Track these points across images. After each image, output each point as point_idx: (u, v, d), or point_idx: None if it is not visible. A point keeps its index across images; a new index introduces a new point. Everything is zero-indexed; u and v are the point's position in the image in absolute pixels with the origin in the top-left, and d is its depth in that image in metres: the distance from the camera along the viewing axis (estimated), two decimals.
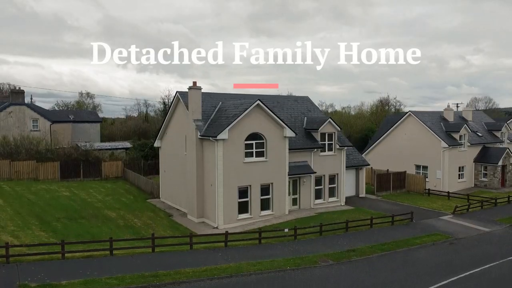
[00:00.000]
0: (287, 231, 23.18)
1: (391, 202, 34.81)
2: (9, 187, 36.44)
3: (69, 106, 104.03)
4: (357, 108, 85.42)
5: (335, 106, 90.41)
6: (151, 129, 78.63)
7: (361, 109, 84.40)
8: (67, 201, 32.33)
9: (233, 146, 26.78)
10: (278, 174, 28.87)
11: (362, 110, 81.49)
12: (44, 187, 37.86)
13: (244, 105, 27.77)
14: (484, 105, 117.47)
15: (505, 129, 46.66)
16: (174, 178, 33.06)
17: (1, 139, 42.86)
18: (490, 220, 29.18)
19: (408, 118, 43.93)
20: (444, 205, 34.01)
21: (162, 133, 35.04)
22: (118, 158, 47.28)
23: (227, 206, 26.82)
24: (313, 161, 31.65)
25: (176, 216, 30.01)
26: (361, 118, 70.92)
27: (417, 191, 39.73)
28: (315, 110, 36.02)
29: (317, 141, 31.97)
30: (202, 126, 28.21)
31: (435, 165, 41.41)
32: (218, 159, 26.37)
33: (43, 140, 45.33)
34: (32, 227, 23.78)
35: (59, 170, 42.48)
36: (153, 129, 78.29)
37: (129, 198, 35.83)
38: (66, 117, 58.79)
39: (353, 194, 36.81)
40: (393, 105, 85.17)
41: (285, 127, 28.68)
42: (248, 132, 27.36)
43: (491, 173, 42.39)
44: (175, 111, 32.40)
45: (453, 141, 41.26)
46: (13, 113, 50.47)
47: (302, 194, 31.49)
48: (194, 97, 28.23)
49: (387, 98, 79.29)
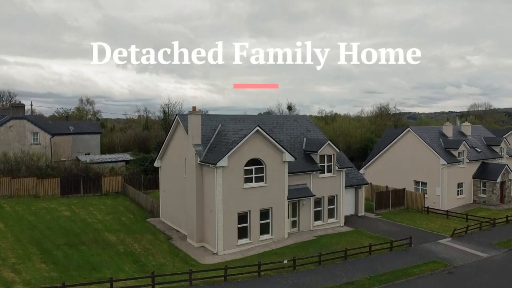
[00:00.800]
0: (286, 263, 23.30)
1: (390, 223, 34.93)
2: (10, 206, 36.61)
3: (68, 113, 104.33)
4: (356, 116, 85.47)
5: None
6: (151, 137, 78.79)
7: (360, 117, 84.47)
8: (68, 223, 32.47)
9: (232, 173, 26.91)
10: (277, 199, 29.01)
11: (361, 119, 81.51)
12: (44, 205, 38.02)
13: (243, 130, 27.89)
14: (484, 107, 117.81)
15: (504, 144, 46.80)
16: (174, 199, 33.19)
17: (2, 156, 42.96)
18: (488, 244, 29.30)
19: (407, 133, 44.06)
20: (443, 226, 34.13)
21: (162, 153, 35.15)
22: (118, 173, 47.41)
23: (227, 232, 26.95)
24: (312, 184, 31.78)
25: (176, 240, 30.13)
26: (360, 128, 71.03)
27: (416, 208, 39.88)
28: (314, 130, 36.14)
29: (317, 163, 32.09)
30: (201, 151, 28.34)
31: (434, 181, 41.56)
32: (218, 186, 26.49)
33: (43, 156, 45.42)
34: (33, 258, 23.90)
35: (60, 186, 42.63)
36: (153, 136, 78.49)
37: (129, 218, 35.95)
38: (66, 129, 58.94)
39: (352, 213, 36.96)
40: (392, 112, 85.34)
41: (284, 152, 28.80)
42: (247, 158, 27.49)
43: (490, 189, 42.52)
44: (175, 133, 32.52)
45: (452, 158, 41.38)
46: (13, 127, 50.62)
47: (301, 217, 31.62)
48: (194, 122, 28.34)
49: (386, 106, 79.37)
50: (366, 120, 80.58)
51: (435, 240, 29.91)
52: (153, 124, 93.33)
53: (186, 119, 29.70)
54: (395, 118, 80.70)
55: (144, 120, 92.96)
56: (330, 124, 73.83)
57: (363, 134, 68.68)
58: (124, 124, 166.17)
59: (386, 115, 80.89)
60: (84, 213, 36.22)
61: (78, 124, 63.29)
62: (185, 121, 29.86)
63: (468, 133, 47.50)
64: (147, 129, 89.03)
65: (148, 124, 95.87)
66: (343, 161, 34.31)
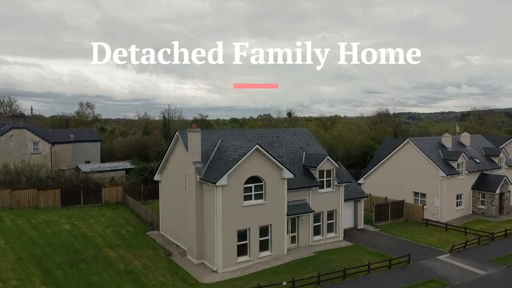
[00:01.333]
0: (285, 284, 23.43)
1: (389, 236, 35.06)
2: (10, 219, 36.77)
3: (69, 117, 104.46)
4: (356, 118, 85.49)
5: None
6: (151, 143, 78.89)
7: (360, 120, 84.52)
8: (68, 238, 32.61)
9: (232, 190, 27.04)
10: (277, 215, 29.14)
11: (361, 125, 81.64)
12: (44, 217, 38.19)
13: (243, 148, 28.00)
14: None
15: (502, 154, 46.92)
16: (174, 213, 33.33)
17: (2, 167, 43.11)
18: (487, 260, 29.42)
19: (406, 145, 44.19)
20: (441, 240, 34.26)
21: (162, 167, 35.29)
22: (118, 183, 47.55)
23: (226, 249, 27.09)
24: (311, 199, 31.91)
25: (176, 256, 30.26)
26: (360, 135, 71.14)
27: (415, 220, 40.01)
28: (313, 143, 36.25)
29: (316, 178, 32.22)
30: (201, 169, 28.46)
31: (433, 193, 41.70)
32: (217, 204, 26.63)
33: (43, 166, 45.57)
34: (33, 278, 24.04)
35: (60, 197, 42.84)
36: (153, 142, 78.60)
37: (129, 231, 36.08)
38: (67, 137, 59.09)
39: (351, 226, 37.09)
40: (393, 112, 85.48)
41: (283, 169, 28.92)
42: (247, 176, 27.61)
43: (488, 201, 42.65)
44: (175, 148, 32.65)
45: (451, 170, 41.51)
46: (14, 137, 50.76)
47: (300, 232, 31.76)
48: (193, 140, 28.47)
49: (386, 112, 79.47)
50: (366, 126, 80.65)
51: (434, 256, 30.02)
52: (153, 129, 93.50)
53: (185, 135, 29.85)
54: (395, 124, 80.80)
55: (144, 125, 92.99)
56: (330, 131, 73.88)
57: (363, 141, 68.81)
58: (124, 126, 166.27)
59: (386, 121, 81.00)
60: (84, 226, 36.37)
61: (78, 132, 63.44)
62: (185, 138, 30.00)
63: (467, 144, 47.63)
64: (147, 134, 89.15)
65: (148, 128, 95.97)
66: (342, 175, 34.44)
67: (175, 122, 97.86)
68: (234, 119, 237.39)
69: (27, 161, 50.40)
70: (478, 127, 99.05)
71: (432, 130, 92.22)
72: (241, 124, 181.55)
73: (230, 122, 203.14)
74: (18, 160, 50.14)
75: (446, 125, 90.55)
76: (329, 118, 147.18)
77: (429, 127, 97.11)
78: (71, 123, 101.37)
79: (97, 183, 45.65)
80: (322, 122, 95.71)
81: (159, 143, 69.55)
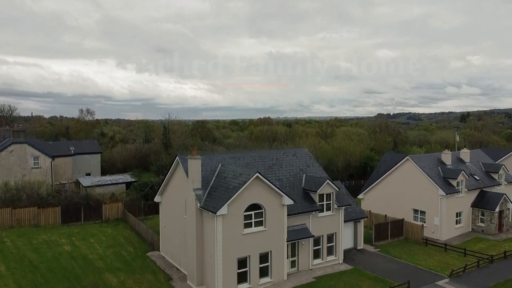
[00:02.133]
0: None
1: (388, 258, 35.13)
2: (11, 240, 36.90)
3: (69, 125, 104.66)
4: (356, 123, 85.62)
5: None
6: (151, 152, 79.07)
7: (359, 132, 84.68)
8: (69, 262, 32.70)
9: (232, 219, 27.13)
10: (277, 242, 29.23)
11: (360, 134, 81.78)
12: (45, 237, 38.32)
13: (243, 176, 28.08)
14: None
15: (502, 171, 47.01)
16: (174, 236, 33.41)
17: (3, 185, 43.24)
18: (486, 286, 29.54)
19: (406, 162, 44.28)
20: (441, 262, 34.35)
21: (163, 189, 35.36)
22: (118, 200, 47.67)
23: (226, 277, 27.18)
24: (311, 223, 32.01)
25: (176, 281, 30.36)
26: (360, 145, 71.26)
27: (414, 239, 40.10)
28: (313, 165, 36.35)
29: (316, 202, 32.31)
30: (201, 196, 28.55)
31: (433, 211, 41.80)
32: (218, 233, 26.72)
33: (44, 183, 45.69)
34: None
35: (60, 214, 42.96)
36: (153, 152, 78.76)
37: (130, 252, 36.16)
38: (67, 150, 59.22)
39: (351, 246, 37.19)
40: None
41: (283, 196, 29.02)
42: (247, 204, 27.70)
43: (488, 219, 42.76)
44: (175, 172, 32.72)
45: (451, 188, 41.61)
46: (14, 152, 50.89)
47: (300, 256, 31.85)
48: (194, 167, 28.56)
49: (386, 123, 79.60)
50: (365, 135, 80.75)
51: (433, 282, 30.14)
52: (153, 137, 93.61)
53: (185, 161, 29.95)
54: (394, 133, 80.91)
55: (144, 132, 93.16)
56: (330, 141, 73.99)
57: (363, 152, 68.94)
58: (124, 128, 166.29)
59: (386, 130, 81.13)
60: (85, 247, 36.47)
61: (78, 144, 63.58)
62: (185, 163, 30.09)
63: (466, 160, 47.71)
64: (147, 142, 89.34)
65: (148, 135, 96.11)
66: (342, 198, 34.52)
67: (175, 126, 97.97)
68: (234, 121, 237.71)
69: (28, 176, 50.56)
70: (478, 134, 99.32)
71: (432, 138, 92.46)
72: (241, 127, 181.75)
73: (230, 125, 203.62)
74: (18, 174, 50.28)
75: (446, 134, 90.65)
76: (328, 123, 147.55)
77: (428, 135, 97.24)
78: (71, 130, 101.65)
79: (97, 199, 45.75)
80: (321, 130, 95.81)
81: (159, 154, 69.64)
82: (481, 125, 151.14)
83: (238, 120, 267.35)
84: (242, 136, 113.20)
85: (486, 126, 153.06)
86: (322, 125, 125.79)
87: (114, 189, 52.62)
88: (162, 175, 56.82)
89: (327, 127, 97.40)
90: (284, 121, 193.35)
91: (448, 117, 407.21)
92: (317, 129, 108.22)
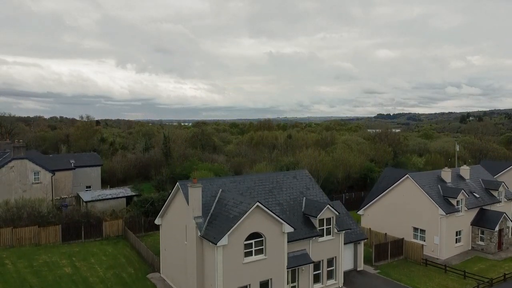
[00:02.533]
0: None
1: (388, 281, 35.20)
2: (11, 262, 36.96)
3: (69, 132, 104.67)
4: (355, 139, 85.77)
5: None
6: (152, 162, 79.16)
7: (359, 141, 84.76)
8: (69, 285, 32.78)
9: (233, 249, 27.20)
10: (277, 269, 29.27)
11: (360, 143, 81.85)
12: (46, 258, 38.40)
13: (243, 204, 28.13)
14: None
15: (502, 188, 47.08)
16: (175, 260, 33.47)
17: (3, 204, 43.30)
18: None
19: (405, 180, 44.37)
20: (441, 285, 34.45)
21: (163, 213, 35.42)
22: (118, 217, 47.74)
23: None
24: (311, 248, 32.08)
25: None
26: (360, 156, 71.33)
27: (414, 259, 40.19)
28: (313, 187, 36.43)
29: (316, 227, 32.39)
30: (202, 224, 28.62)
31: (433, 230, 41.90)
32: (218, 263, 26.79)
33: (44, 201, 45.76)
34: None
35: (61, 233, 43.03)
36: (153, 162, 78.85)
37: (130, 273, 36.24)
38: (67, 163, 59.27)
39: (351, 268, 37.27)
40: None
41: (284, 223, 29.09)
42: (248, 233, 27.76)
43: (488, 237, 42.85)
44: (175, 197, 32.77)
45: (451, 207, 41.69)
46: (15, 167, 50.95)
47: (300, 281, 31.92)
48: (194, 195, 28.62)
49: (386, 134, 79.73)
50: (366, 145, 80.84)
51: None
52: (153, 146, 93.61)
53: (186, 187, 30.01)
54: (394, 143, 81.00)
55: (144, 142, 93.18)
56: (330, 152, 74.07)
57: (363, 163, 69.01)
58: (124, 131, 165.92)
59: (386, 139, 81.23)
60: (85, 269, 36.54)
61: (79, 157, 63.64)
62: (185, 189, 30.14)
63: (466, 177, 47.77)
64: (147, 150, 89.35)
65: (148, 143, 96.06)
66: (342, 222, 34.58)
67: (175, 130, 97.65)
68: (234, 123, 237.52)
69: (28, 191, 50.64)
70: (478, 141, 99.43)
71: (432, 146, 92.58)
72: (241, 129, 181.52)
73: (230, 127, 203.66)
74: (19, 190, 50.36)
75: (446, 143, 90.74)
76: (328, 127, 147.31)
77: (428, 143, 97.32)
78: (72, 137, 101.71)
79: (98, 217, 45.80)
80: (321, 137, 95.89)
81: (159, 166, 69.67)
82: (481, 126, 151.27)
83: (238, 122, 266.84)
84: (242, 141, 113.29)
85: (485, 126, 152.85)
86: (322, 130, 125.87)
87: (114, 204, 52.70)
88: (162, 190, 56.98)
89: (327, 135, 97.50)
90: (284, 124, 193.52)
91: (448, 117, 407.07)
92: (317, 135, 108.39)
